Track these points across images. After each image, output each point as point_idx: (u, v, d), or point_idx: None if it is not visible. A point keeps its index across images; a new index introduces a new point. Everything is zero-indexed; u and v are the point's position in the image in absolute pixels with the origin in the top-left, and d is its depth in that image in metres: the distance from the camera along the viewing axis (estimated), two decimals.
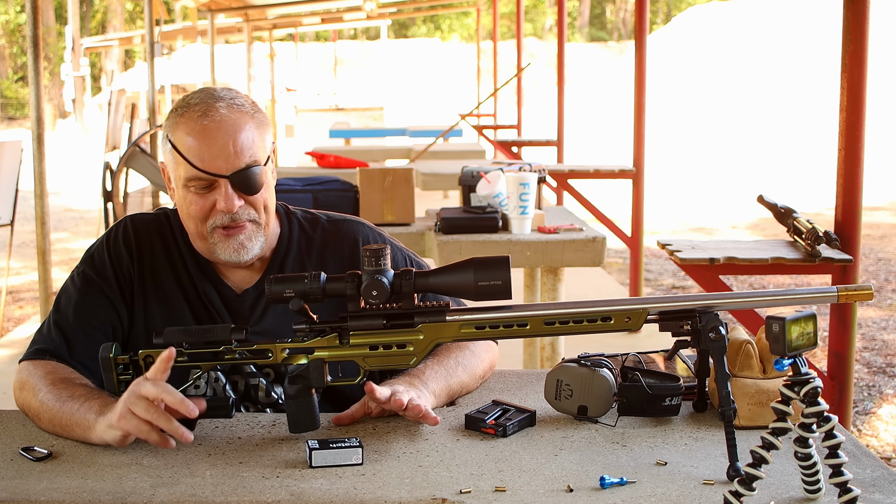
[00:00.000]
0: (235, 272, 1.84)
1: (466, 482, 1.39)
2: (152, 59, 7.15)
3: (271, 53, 16.50)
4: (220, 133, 1.69)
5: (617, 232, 5.95)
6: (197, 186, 1.71)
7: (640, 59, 5.55)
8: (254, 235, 1.76)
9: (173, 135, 1.72)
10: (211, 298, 1.81)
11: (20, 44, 30.98)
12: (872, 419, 4.21)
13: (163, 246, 1.83)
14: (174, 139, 1.72)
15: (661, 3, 41.02)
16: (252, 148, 1.72)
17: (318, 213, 1.93)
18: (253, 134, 1.73)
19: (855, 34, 2.94)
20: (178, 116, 1.73)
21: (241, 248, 1.75)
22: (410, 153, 7.81)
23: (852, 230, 3.03)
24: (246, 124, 1.72)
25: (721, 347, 1.45)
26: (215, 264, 1.83)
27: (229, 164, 1.70)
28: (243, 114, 1.73)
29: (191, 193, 1.72)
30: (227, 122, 1.70)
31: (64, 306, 1.78)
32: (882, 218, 10.21)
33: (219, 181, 1.70)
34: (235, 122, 1.71)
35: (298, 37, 22.71)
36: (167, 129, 1.74)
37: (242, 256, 1.76)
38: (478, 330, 1.54)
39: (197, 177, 1.70)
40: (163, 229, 1.85)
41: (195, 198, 1.72)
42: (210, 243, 1.76)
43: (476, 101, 16.56)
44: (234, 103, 1.73)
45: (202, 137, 1.69)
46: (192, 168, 1.69)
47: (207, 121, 1.69)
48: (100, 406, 1.55)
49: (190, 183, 1.71)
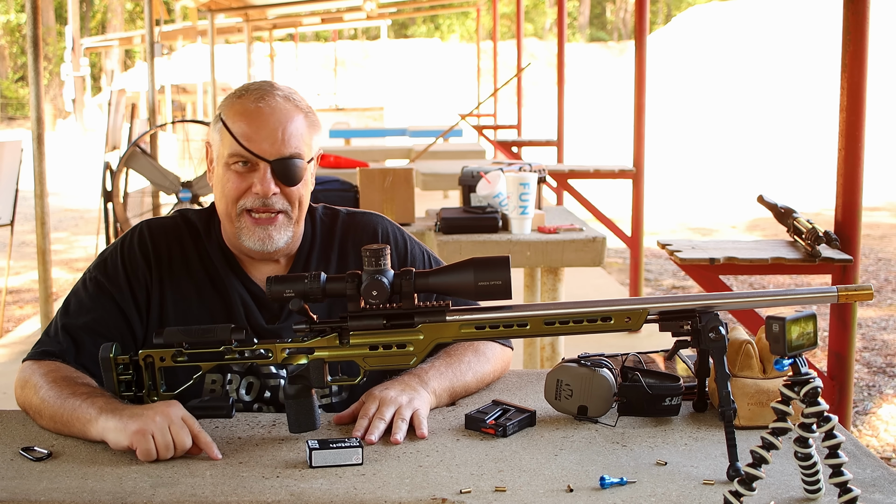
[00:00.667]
0: (262, 269, 1.83)
1: (466, 482, 1.39)
2: (152, 59, 7.15)
3: (271, 53, 16.51)
4: (271, 118, 1.72)
5: (617, 232, 5.95)
6: (238, 165, 1.73)
7: (640, 59, 5.55)
8: (283, 228, 1.76)
9: (226, 113, 1.75)
10: (241, 295, 1.80)
11: (20, 44, 30.97)
12: (872, 419, 4.21)
13: (181, 249, 1.81)
14: (226, 117, 1.74)
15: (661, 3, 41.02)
16: (299, 141, 1.74)
17: (338, 208, 1.94)
18: (302, 128, 1.75)
19: (855, 34, 2.94)
20: (235, 98, 1.76)
21: (268, 239, 1.75)
22: (410, 153, 7.81)
23: (852, 230, 3.03)
24: (297, 117, 1.75)
25: (721, 347, 1.45)
26: (242, 261, 1.83)
27: (274, 150, 1.72)
28: (298, 108, 1.76)
29: (230, 171, 1.74)
30: (280, 110, 1.73)
31: (73, 310, 1.77)
32: (882, 218, 10.21)
33: (259, 164, 1.72)
34: (288, 112, 1.74)
35: (298, 37, 22.72)
36: (221, 108, 1.77)
37: (267, 246, 1.76)
38: (478, 330, 1.54)
39: (240, 154, 1.72)
40: (180, 232, 1.83)
41: (233, 176, 1.73)
42: (236, 227, 1.76)
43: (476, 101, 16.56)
44: (291, 97, 1.77)
45: (254, 118, 1.72)
46: (236, 145, 1.71)
47: (263, 104, 1.73)
48: (104, 402, 1.55)
49: (232, 160, 1.73)
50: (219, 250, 1.83)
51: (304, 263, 1.84)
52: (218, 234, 1.84)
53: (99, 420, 1.52)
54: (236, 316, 1.78)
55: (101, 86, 28.80)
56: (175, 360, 1.57)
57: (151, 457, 1.46)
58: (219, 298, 1.80)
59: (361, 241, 1.87)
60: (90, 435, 1.54)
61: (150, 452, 1.46)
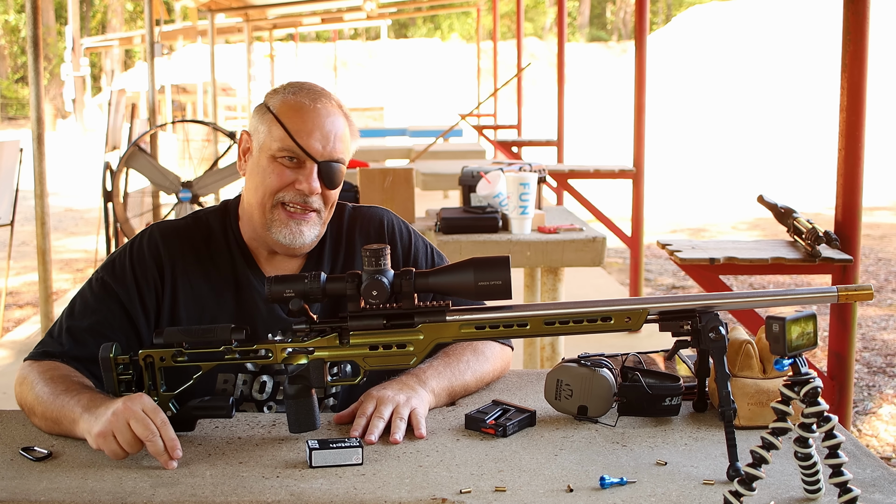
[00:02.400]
0: (277, 266, 1.83)
1: (466, 482, 1.39)
2: (152, 59, 7.14)
3: (271, 53, 16.50)
4: (326, 120, 1.76)
5: (617, 232, 5.95)
6: (286, 159, 1.74)
7: (640, 59, 5.55)
8: (313, 226, 1.78)
9: (277, 107, 1.76)
10: (260, 291, 1.80)
11: (20, 44, 30.97)
12: (872, 419, 4.21)
13: (193, 251, 1.81)
14: (277, 110, 1.76)
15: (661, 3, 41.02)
16: (344, 146, 1.79)
17: (343, 202, 1.95)
18: (347, 135, 1.80)
19: (855, 34, 2.94)
20: (287, 93, 1.78)
21: (299, 234, 1.77)
22: (410, 153, 7.81)
23: (852, 230, 3.03)
24: (345, 125, 1.80)
25: (721, 347, 1.45)
26: (258, 257, 1.83)
27: (324, 151, 1.75)
28: (345, 116, 1.81)
29: (276, 163, 1.75)
30: (333, 114, 1.77)
31: (78, 312, 1.76)
32: (882, 218, 10.21)
33: (307, 162, 1.75)
34: (338, 118, 1.78)
35: (298, 37, 22.72)
36: (269, 99, 1.79)
37: (297, 241, 1.77)
38: (478, 330, 1.54)
39: (291, 150, 1.74)
40: (192, 234, 1.83)
41: (279, 168, 1.75)
42: (268, 218, 1.77)
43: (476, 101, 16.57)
44: (339, 104, 1.82)
45: (310, 117, 1.75)
46: (289, 139, 1.73)
47: (320, 105, 1.77)
48: (88, 401, 1.55)
49: (281, 153, 1.74)
50: (236, 247, 1.83)
51: (317, 260, 1.85)
52: (235, 230, 1.84)
53: (80, 421, 1.53)
54: (257, 312, 1.78)
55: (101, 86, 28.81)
56: (175, 360, 1.57)
57: (120, 456, 1.47)
58: (236, 297, 1.80)
59: (368, 232, 1.89)
60: (76, 434, 1.55)
61: (116, 452, 1.46)
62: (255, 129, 1.80)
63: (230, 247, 1.83)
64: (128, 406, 1.47)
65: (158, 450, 1.45)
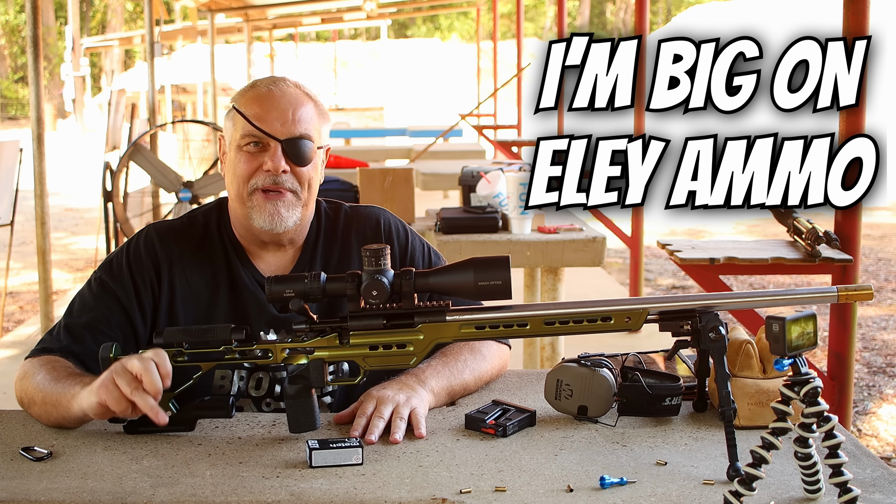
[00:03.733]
0: (269, 260, 1.84)
1: (466, 482, 1.39)
2: (152, 59, 7.14)
3: (271, 53, 16.51)
4: (282, 100, 1.77)
5: (617, 232, 5.95)
6: (250, 146, 1.76)
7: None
8: (291, 207, 1.78)
9: (239, 102, 1.79)
10: (251, 287, 1.81)
11: (20, 44, 30.97)
12: (872, 419, 4.21)
13: (190, 249, 1.82)
14: (239, 104, 1.78)
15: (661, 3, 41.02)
16: (309, 124, 1.79)
17: (340, 202, 1.96)
18: (312, 114, 1.80)
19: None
20: (248, 88, 1.82)
21: (277, 216, 1.76)
22: (410, 153, 7.81)
23: (852, 230, 3.03)
24: (307, 103, 1.80)
25: (721, 347, 1.45)
26: (251, 252, 1.84)
27: (285, 129, 1.76)
28: (308, 96, 1.82)
29: (242, 152, 1.77)
30: (290, 94, 1.79)
31: (77, 310, 1.78)
32: (882, 218, 10.21)
33: (271, 143, 1.76)
34: (299, 97, 1.79)
35: (298, 37, 22.71)
36: (234, 99, 1.81)
37: (277, 225, 1.77)
38: (478, 330, 1.54)
39: (252, 134, 1.75)
40: (188, 233, 1.84)
41: (245, 156, 1.77)
42: (248, 207, 1.77)
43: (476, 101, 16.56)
44: (301, 85, 1.83)
45: (265, 100, 1.77)
46: (248, 126, 1.75)
47: (274, 88, 1.79)
48: (90, 380, 1.57)
49: (244, 141, 1.76)
50: (228, 243, 1.84)
51: (311, 255, 1.85)
52: (228, 227, 1.85)
53: (79, 395, 1.54)
54: (249, 308, 1.79)
55: (101, 86, 28.80)
56: (175, 360, 1.57)
57: (122, 403, 1.48)
58: (230, 293, 1.81)
59: (364, 232, 1.89)
60: (73, 411, 1.55)
61: (118, 399, 1.48)
62: (225, 129, 1.83)
63: (224, 244, 1.84)
64: (122, 359, 1.52)
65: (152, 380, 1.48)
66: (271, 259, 1.84)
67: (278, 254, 1.84)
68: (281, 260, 1.85)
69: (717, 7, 25.72)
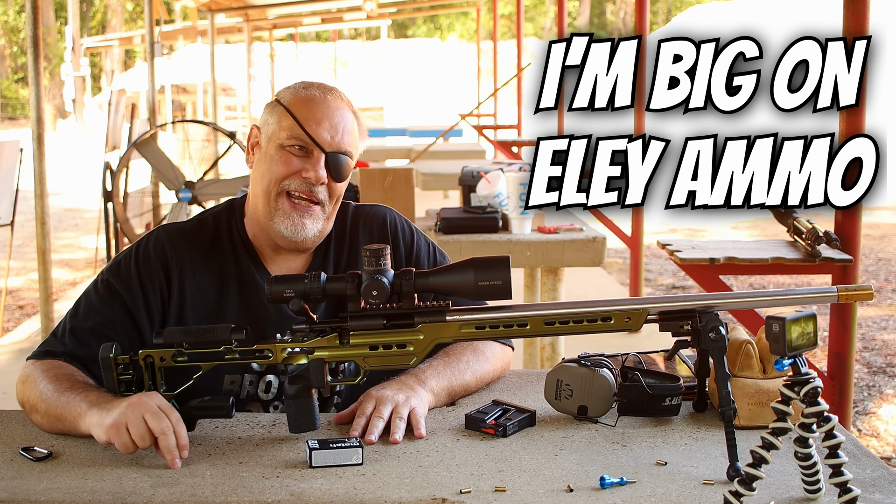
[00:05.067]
0: (281, 264, 1.83)
1: (466, 482, 1.39)
2: (152, 59, 7.14)
3: (271, 53, 16.50)
4: (336, 112, 1.78)
5: (617, 232, 5.95)
6: (294, 148, 1.75)
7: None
8: (317, 220, 1.78)
9: (288, 100, 1.78)
10: (264, 290, 1.79)
11: (20, 44, 30.96)
12: (872, 419, 4.21)
13: (200, 252, 1.81)
14: (287, 102, 1.78)
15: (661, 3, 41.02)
16: (353, 140, 1.80)
17: (347, 201, 1.95)
18: (356, 131, 1.82)
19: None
20: (298, 89, 1.81)
21: (301, 227, 1.76)
22: (410, 153, 7.82)
23: (852, 230, 3.03)
24: (353, 121, 1.82)
25: (721, 347, 1.45)
26: (263, 255, 1.83)
27: (333, 142, 1.76)
28: (354, 113, 1.83)
29: (283, 152, 1.76)
30: (342, 108, 1.79)
31: (82, 312, 1.76)
32: (882, 218, 10.21)
33: (315, 151, 1.75)
34: (348, 113, 1.80)
35: (298, 37, 22.71)
36: (281, 95, 1.81)
37: (298, 234, 1.77)
38: (478, 330, 1.54)
39: (300, 137, 1.75)
40: (198, 235, 1.83)
41: (287, 157, 1.76)
42: (272, 207, 1.76)
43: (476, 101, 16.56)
44: (349, 101, 1.84)
45: (319, 107, 1.77)
46: (298, 128, 1.74)
47: (331, 98, 1.79)
48: (95, 397, 1.55)
49: (290, 141, 1.75)
50: (241, 246, 1.83)
51: (322, 259, 1.85)
52: (240, 228, 1.84)
53: (87, 415, 1.52)
54: (265, 311, 1.78)
55: (101, 86, 28.79)
56: (175, 360, 1.57)
57: (129, 449, 1.47)
58: (242, 296, 1.80)
59: (371, 230, 1.89)
60: (80, 429, 1.54)
61: (126, 445, 1.46)
62: (265, 122, 1.81)
63: (235, 246, 1.83)
64: (144, 400, 1.48)
65: (170, 445, 1.45)
66: (283, 262, 1.83)
67: (290, 257, 1.84)
68: (293, 263, 1.84)
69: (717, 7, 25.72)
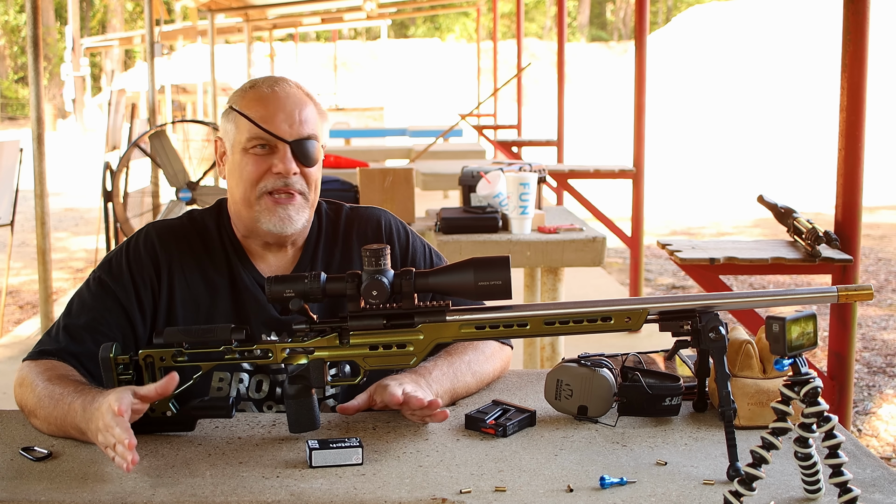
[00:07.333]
0: (270, 261, 1.83)
1: (466, 482, 1.39)
2: (152, 59, 7.14)
3: (271, 53, 16.51)
4: (287, 101, 1.77)
5: (617, 232, 5.95)
6: (257, 148, 1.75)
7: (640, 59, 5.55)
8: (301, 209, 1.78)
9: (239, 103, 1.77)
10: (252, 288, 1.80)
11: (20, 44, 30.96)
12: (872, 419, 4.21)
13: (189, 249, 1.81)
14: (240, 106, 1.77)
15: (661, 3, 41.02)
16: (314, 123, 1.79)
17: (341, 203, 1.95)
18: (315, 114, 1.80)
19: (855, 34, 2.94)
20: (247, 89, 1.80)
21: (288, 220, 1.76)
22: (410, 153, 7.81)
23: (852, 230, 3.03)
24: (310, 104, 1.80)
25: (721, 347, 1.45)
26: (252, 253, 1.83)
27: (293, 131, 1.75)
28: (309, 96, 1.81)
29: (248, 155, 1.76)
30: (294, 95, 1.78)
31: (76, 310, 1.77)
32: (882, 218, 10.20)
33: (279, 145, 1.75)
34: (302, 98, 1.79)
35: (298, 37, 22.71)
36: (232, 101, 1.80)
37: (287, 228, 1.77)
38: (478, 330, 1.54)
39: (259, 136, 1.74)
40: (188, 232, 1.83)
41: (252, 159, 1.76)
42: (255, 211, 1.77)
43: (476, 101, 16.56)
44: (299, 85, 1.82)
45: (270, 102, 1.76)
46: (255, 128, 1.74)
47: (278, 89, 1.78)
48: (93, 398, 1.54)
49: (251, 143, 1.75)
50: (228, 243, 1.83)
51: (311, 256, 1.85)
52: (228, 228, 1.85)
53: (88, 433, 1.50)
54: (249, 309, 1.78)
55: (101, 86, 28.80)
56: (175, 360, 1.57)
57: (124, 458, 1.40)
58: (231, 294, 1.80)
59: (365, 233, 1.89)
60: (86, 435, 1.53)
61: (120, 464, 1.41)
62: (224, 131, 1.81)
63: (224, 244, 1.83)
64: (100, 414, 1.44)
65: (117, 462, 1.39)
66: (272, 260, 1.84)
67: (279, 254, 1.84)
68: (282, 261, 1.85)
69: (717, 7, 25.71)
